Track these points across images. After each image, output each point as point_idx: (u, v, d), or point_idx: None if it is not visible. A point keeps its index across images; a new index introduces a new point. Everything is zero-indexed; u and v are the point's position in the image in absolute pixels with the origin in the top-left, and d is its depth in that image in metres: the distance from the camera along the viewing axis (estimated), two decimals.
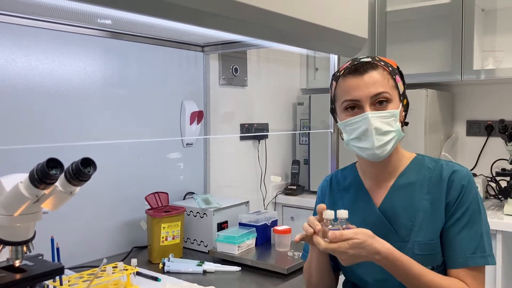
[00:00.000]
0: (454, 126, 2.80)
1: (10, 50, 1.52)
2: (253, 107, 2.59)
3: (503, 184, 2.47)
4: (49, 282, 1.28)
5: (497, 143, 2.64)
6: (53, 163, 0.97)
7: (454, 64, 2.46)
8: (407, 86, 2.40)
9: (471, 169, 2.70)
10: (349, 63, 1.15)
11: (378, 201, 1.17)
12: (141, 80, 1.93)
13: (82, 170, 1.01)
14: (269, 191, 2.71)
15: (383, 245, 1.01)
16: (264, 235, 1.84)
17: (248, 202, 2.02)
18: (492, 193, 2.54)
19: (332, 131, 1.99)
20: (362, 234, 0.99)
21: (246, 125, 2.52)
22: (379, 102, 1.09)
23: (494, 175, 2.50)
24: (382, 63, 1.13)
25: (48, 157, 0.97)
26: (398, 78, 1.14)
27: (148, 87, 1.96)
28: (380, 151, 1.09)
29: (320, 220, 1.05)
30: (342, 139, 1.18)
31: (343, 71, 1.14)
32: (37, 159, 1.02)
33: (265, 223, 1.85)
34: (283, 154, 2.86)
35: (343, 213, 1.03)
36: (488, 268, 2.07)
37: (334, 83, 1.18)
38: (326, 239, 1.00)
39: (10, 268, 1.10)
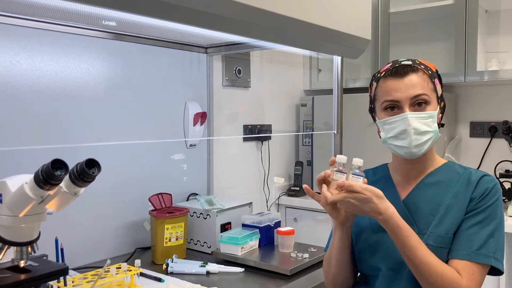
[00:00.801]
0: (458, 128, 2.79)
1: (15, 51, 1.52)
2: (256, 109, 2.60)
3: (507, 185, 2.47)
4: (53, 283, 1.29)
5: (500, 145, 2.63)
6: (58, 164, 0.97)
7: (457, 65, 2.45)
8: None
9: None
10: (390, 65, 1.20)
11: (403, 195, 1.21)
12: (145, 81, 1.94)
13: (87, 171, 1.01)
14: (272, 192, 2.72)
15: (387, 208, 1.05)
16: (267, 236, 1.85)
17: (251, 203, 2.02)
18: None
19: (335, 132, 1.99)
20: (370, 192, 1.04)
21: (249, 126, 2.53)
22: (418, 104, 1.13)
23: (498, 176, 2.49)
24: (422, 66, 1.17)
25: (53, 158, 0.98)
26: (437, 81, 1.19)
27: (152, 88, 1.97)
28: (417, 150, 1.14)
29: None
30: (380, 137, 1.22)
31: (384, 72, 1.19)
32: (42, 160, 1.02)
33: (268, 224, 1.86)
34: (286, 155, 2.86)
35: (357, 161, 1.10)
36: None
37: (374, 83, 1.22)
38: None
39: (15, 268, 1.11)
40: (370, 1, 1.86)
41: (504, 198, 2.47)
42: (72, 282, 1.33)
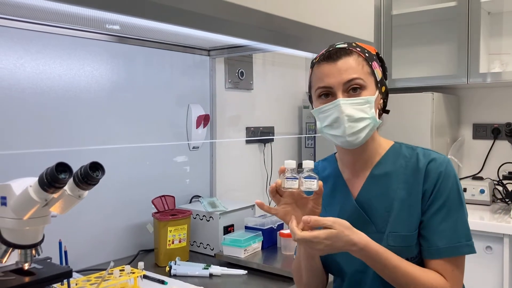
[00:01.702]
0: (460, 129, 2.79)
1: (19, 54, 1.53)
2: (259, 111, 2.60)
3: (510, 187, 2.46)
4: (57, 285, 1.30)
5: (503, 146, 2.63)
6: (62, 167, 0.98)
7: (460, 67, 2.45)
8: (412, 89, 2.42)
9: (478, 173, 2.69)
10: (325, 49, 1.13)
11: (355, 192, 1.15)
12: (148, 84, 1.95)
13: (91, 174, 1.02)
14: None
15: (359, 236, 0.99)
16: (270, 238, 1.85)
17: (254, 205, 2.02)
18: (499, 196, 2.53)
19: None
20: (339, 225, 0.97)
21: (252, 129, 2.53)
22: (353, 89, 1.06)
23: (501, 178, 2.49)
24: (358, 49, 1.10)
25: (57, 161, 0.98)
26: (375, 64, 1.11)
27: (155, 91, 1.98)
28: (353, 138, 1.06)
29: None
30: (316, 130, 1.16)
31: (318, 58, 1.12)
32: (46, 163, 1.03)
33: (271, 227, 1.86)
34: (289, 158, 2.86)
35: (308, 163, 1.02)
36: (494, 272, 2.07)
37: (310, 70, 1.16)
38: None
39: (19, 271, 1.12)
40: (372, 3, 1.86)
41: (507, 200, 2.47)
42: (76, 284, 1.33)
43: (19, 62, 1.53)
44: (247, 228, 1.85)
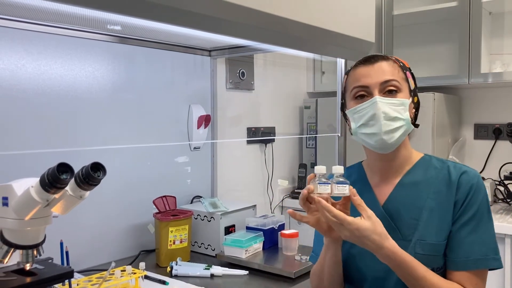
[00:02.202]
0: (462, 130, 2.79)
1: (20, 55, 1.53)
2: (260, 111, 2.60)
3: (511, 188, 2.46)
4: (58, 286, 1.30)
5: (505, 147, 2.62)
6: (64, 168, 0.98)
7: (461, 67, 2.45)
8: None
9: (479, 173, 2.69)
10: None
11: (382, 198, 1.15)
12: (149, 84, 1.95)
13: (92, 175, 1.02)
14: (276, 195, 2.72)
15: (390, 242, 1.00)
16: (271, 239, 1.85)
17: (255, 206, 2.02)
18: (501, 197, 2.53)
19: (339, 134, 1.99)
20: (376, 221, 0.99)
21: (253, 129, 2.53)
22: (389, 91, 1.09)
23: (503, 178, 2.49)
24: (393, 58, 1.16)
25: (58, 161, 0.98)
26: (409, 74, 1.14)
27: (156, 91, 1.98)
28: (388, 137, 1.07)
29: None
30: (351, 132, 1.16)
31: (355, 64, 1.17)
32: (47, 163, 1.03)
33: (272, 227, 1.86)
34: (290, 158, 2.86)
35: (338, 168, 1.03)
36: (495, 272, 2.06)
37: (345, 76, 1.19)
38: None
39: (21, 271, 1.12)
40: (373, 3, 1.86)
41: (509, 200, 2.46)
42: (77, 285, 1.34)
43: (20, 62, 1.54)
44: (248, 228, 1.85)
